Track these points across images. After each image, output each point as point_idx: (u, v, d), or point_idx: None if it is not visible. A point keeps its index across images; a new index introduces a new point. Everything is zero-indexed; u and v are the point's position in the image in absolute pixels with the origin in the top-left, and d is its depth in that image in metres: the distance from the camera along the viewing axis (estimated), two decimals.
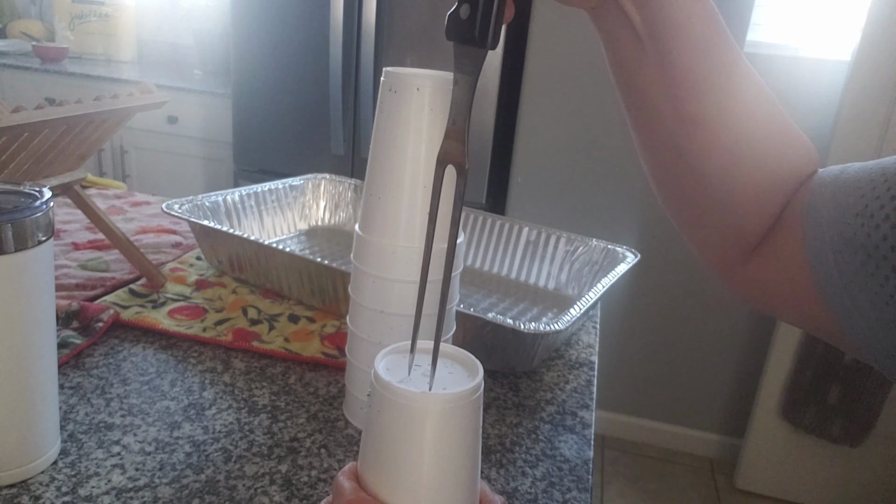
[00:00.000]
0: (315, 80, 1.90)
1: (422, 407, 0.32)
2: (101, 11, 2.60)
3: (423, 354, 0.36)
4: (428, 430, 0.32)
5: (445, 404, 0.32)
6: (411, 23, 1.79)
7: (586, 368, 0.71)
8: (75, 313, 0.66)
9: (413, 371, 0.35)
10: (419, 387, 0.33)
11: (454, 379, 0.35)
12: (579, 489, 0.52)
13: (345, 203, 1.02)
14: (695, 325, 1.93)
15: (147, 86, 0.70)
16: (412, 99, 0.47)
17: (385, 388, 0.33)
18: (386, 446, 0.33)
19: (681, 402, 2.03)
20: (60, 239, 0.87)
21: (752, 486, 1.91)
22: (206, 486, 0.47)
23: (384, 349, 0.36)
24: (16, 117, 0.53)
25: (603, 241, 0.87)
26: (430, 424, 0.32)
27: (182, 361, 0.63)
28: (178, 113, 2.24)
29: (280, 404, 0.58)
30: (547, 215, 1.91)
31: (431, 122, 0.47)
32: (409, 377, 0.34)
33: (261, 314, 0.72)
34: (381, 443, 0.33)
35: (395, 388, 0.32)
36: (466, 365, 0.36)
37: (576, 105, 1.83)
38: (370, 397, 0.34)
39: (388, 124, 0.48)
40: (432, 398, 0.32)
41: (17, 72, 2.36)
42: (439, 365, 0.36)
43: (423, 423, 0.32)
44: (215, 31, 2.53)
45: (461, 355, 0.37)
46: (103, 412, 0.54)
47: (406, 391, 0.32)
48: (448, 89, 0.48)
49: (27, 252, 0.41)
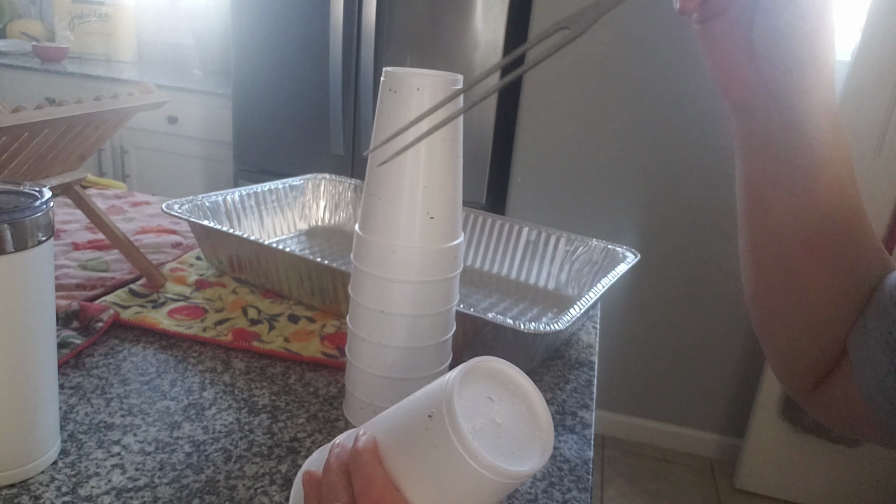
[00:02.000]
0: (315, 80, 1.90)
1: (487, 477, 0.31)
2: (101, 11, 2.60)
3: (496, 384, 0.35)
4: (486, 492, 0.32)
5: (508, 480, 0.32)
6: (411, 23, 1.79)
7: (586, 368, 0.71)
8: (75, 313, 0.66)
9: (486, 406, 0.34)
10: (489, 444, 0.32)
11: (519, 435, 0.34)
12: (579, 489, 0.52)
13: (345, 203, 1.02)
14: (695, 325, 1.93)
15: (147, 86, 0.70)
16: (412, 99, 0.47)
17: (460, 438, 0.31)
18: (433, 475, 0.32)
19: (681, 402, 2.03)
20: (60, 239, 0.86)
21: (752, 486, 1.91)
22: (206, 486, 0.47)
23: (461, 369, 0.34)
24: (16, 117, 0.53)
25: (603, 241, 0.87)
26: (490, 490, 0.32)
27: (182, 361, 0.63)
28: (178, 113, 2.24)
29: (280, 404, 0.58)
30: (547, 215, 1.91)
31: (431, 122, 0.47)
32: (480, 425, 0.33)
33: (261, 314, 0.72)
34: (430, 469, 0.33)
35: (470, 446, 0.31)
36: (535, 415, 0.35)
37: (576, 105, 1.83)
38: (432, 419, 0.32)
39: (388, 124, 0.48)
40: (500, 474, 0.31)
41: (17, 72, 2.36)
42: (506, 395, 0.35)
43: (482, 486, 0.32)
44: (215, 31, 2.53)
45: (533, 398, 0.35)
46: (103, 412, 0.54)
47: (478, 454, 0.31)
48: (448, 89, 0.48)
49: (27, 252, 0.41)
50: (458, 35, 1.77)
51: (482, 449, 0.31)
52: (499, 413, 0.34)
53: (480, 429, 0.33)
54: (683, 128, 1.78)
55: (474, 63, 1.78)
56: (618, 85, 1.79)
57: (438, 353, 0.54)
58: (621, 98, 1.80)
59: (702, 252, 1.86)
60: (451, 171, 0.49)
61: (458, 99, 0.46)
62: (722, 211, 1.81)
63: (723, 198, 1.80)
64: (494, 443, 0.33)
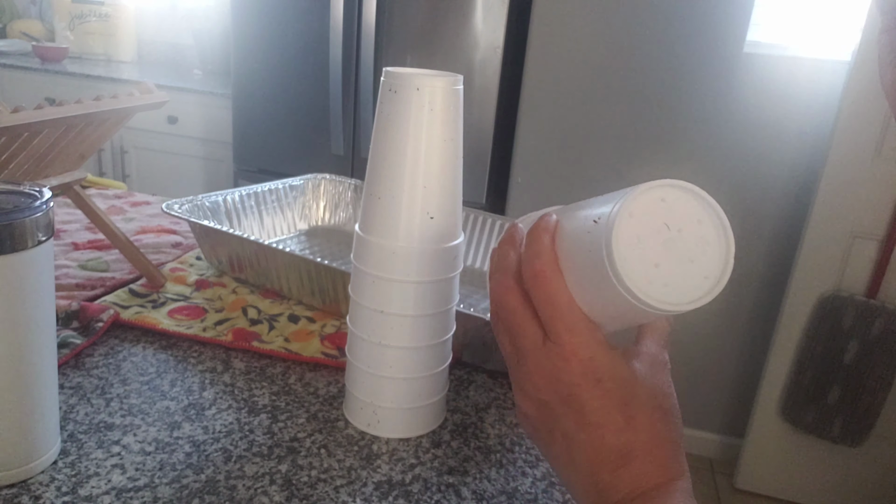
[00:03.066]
0: (315, 80, 1.90)
1: (630, 302, 0.32)
2: (101, 11, 2.60)
3: (681, 192, 0.33)
4: (633, 312, 0.33)
5: (653, 310, 0.32)
6: (411, 23, 1.79)
7: None
8: (75, 313, 0.66)
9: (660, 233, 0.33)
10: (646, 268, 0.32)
11: (689, 265, 0.33)
12: None
13: (345, 203, 1.02)
14: (695, 325, 1.93)
15: (147, 86, 0.70)
16: (412, 99, 0.47)
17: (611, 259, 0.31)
18: (586, 277, 0.34)
19: (681, 402, 2.02)
20: (60, 239, 0.86)
21: (752, 486, 1.91)
22: (206, 486, 0.47)
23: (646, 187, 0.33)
24: (16, 117, 0.53)
25: None
26: (637, 312, 0.33)
27: (182, 361, 0.63)
28: (178, 113, 2.24)
29: (280, 404, 0.58)
30: None
31: (431, 122, 0.47)
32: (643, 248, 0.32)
33: (261, 314, 0.72)
34: (583, 270, 0.34)
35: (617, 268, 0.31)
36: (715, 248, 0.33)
37: (576, 105, 1.83)
38: (596, 225, 0.33)
39: (388, 124, 0.48)
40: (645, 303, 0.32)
41: (17, 72, 2.36)
42: (688, 225, 0.33)
43: (626, 306, 0.33)
44: (215, 31, 2.53)
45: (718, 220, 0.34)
46: (103, 412, 0.54)
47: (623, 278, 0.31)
48: (448, 89, 0.48)
49: (27, 252, 0.41)
50: (458, 35, 1.77)
51: (632, 272, 0.32)
52: (673, 240, 0.33)
53: (642, 252, 0.32)
54: (684, 128, 1.78)
55: (474, 63, 1.78)
56: (618, 85, 1.79)
57: (438, 353, 0.54)
58: (621, 98, 1.80)
59: None
60: (451, 171, 0.49)
61: (459, 99, 0.46)
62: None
63: (723, 198, 1.80)
64: (654, 268, 0.32)
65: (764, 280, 1.86)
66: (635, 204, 0.33)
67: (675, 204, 0.34)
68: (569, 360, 0.35)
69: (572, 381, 0.35)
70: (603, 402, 0.35)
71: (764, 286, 1.87)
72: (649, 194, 0.33)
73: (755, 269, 1.86)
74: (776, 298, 1.85)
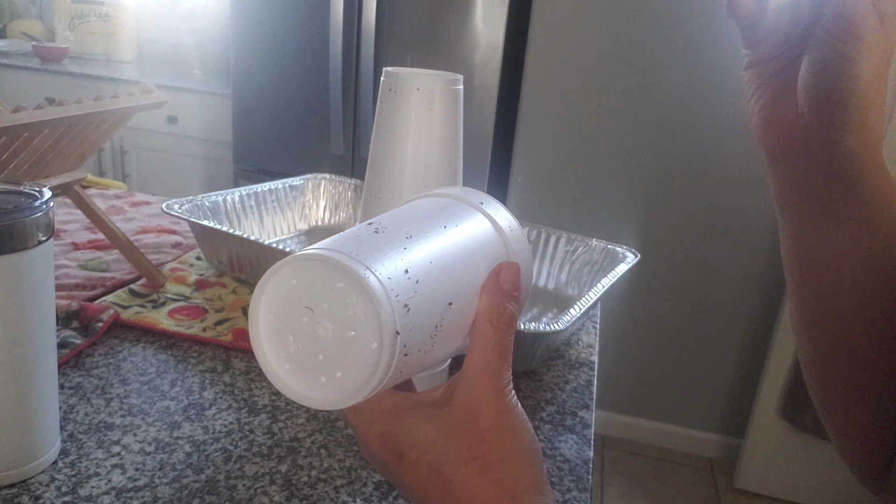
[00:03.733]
0: (315, 80, 1.90)
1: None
2: (101, 11, 2.60)
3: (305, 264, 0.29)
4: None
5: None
6: (411, 23, 1.79)
7: (586, 368, 0.71)
8: (75, 313, 0.66)
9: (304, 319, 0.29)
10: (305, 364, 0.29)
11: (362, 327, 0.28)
12: (579, 489, 0.52)
13: (345, 203, 1.02)
14: (695, 325, 1.93)
15: (147, 86, 0.70)
16: (412, 99, 0.47)
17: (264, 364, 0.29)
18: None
19: (681, 402, 2.03)
20: (60, 239, 0.87)
21: (752, 486, 1.91)
22: (206, 486, 0.47)
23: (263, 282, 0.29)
24: (16, 117, 0.53)
25: (603, 241, 0.87)
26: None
27: (182, 361, 0.63)
28: (178, 113, 2.24)
29: (280, 404, 0.58)
30: (547, 215, 1.91)
31: (431, 122, 0.47)
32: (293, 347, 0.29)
33: None
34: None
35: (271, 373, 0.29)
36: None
37: (576, 105, 1.83)
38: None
39: (388, 124, 0.48)
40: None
41: (17, 72, 2.36)
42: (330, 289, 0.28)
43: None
44: (215, 31, 2.53)
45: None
46: (103, 412, 0.54)
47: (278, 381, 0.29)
48: (448, 89, 0.48)
49: (27, 252, 0.41)
50: (458, 35, 1.77)
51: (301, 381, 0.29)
52: (321, 321, 0.29)
53: (299, 351, 0.29)
54: (684, 128, 1.78)
55: (474, 63, 1.78)
56: (618, 85, 1.79)
57: None
58: (622, 98, 1.80)
59: (702, 252, 1.86)
60: (451, 171, 0.49)
61: (459, 99, 0.46)
62: (722, 211, 1.81)
63: (723, 198, 1.80)
64: (320, 362, 0.29)
65: (764, 280, 1.86)
66: (267, 302, 0.29)
67: (307, 280, 0.29)
68: (368, 443, 0.33)
69: (382, 461, 0.32)
70: (414, 477, 0.31)
71: (764, 286, 1.87)
72: (274, 282, 0.29)
73: (755, 269, 1.86)
74: (776, 298, 1.85)
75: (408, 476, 0.31)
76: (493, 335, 0.32)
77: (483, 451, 0.30)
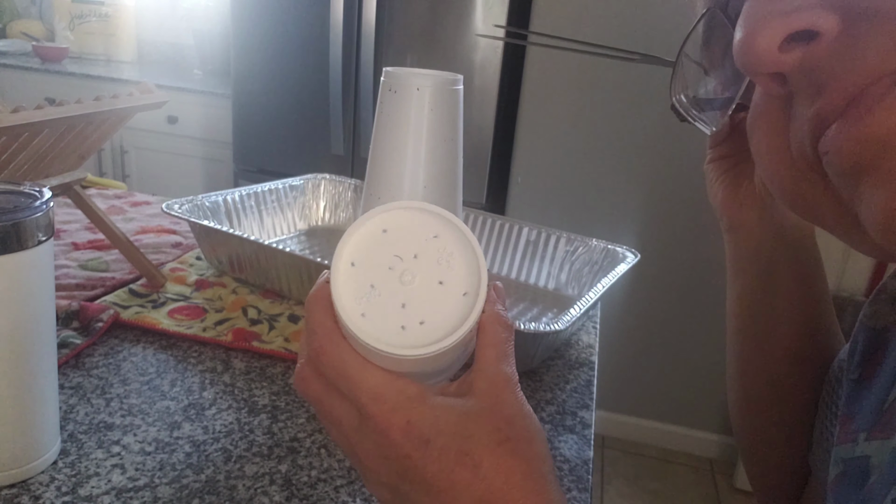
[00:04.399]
0: (315, 80, 1.90)
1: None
2: (101, 11, 2.60)
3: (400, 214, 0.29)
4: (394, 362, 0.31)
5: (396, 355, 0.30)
6: (411, 23, 1.79)
7: (586, 368, 0.71)
8: (75, 313, 0.66)
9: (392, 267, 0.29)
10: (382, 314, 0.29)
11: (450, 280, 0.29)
12: (579, 489, 0.52)
13: (345, 203, 1.02)
14: (695, 325, 1.93)
15: (147, 86, 0.70)
16: (412, 99, 0.47)
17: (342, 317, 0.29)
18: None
19: (681, 402, 2.03)
20: (60, 239, 0.86)
21: None
22: (206, 486, 0.47)
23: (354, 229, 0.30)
24: (16, 117, 0.53)
25: (603, 241, 0.87)
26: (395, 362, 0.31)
27: (182, 361, 0.63)
28: (178, 113, 2.24)
29: (280, 404, 0.58)
30: (547, 215, 1.91)
31: (431, 122, 0.47)
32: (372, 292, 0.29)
33: (261, 314, 0.72)
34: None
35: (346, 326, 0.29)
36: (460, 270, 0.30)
37: (576, 105, 1.83)
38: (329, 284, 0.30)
39: (388, 124, 0.48)
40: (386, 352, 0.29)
41: (17, 72, 2.36)
42: (424, 239, 0.29)
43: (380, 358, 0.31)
44: (215, 31, 2.53)
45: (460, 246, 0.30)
46: (103, 412, 0.54)
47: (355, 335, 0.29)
48: (448, 89, 0.48)
49: (27, 252, 0.41)
50: (458, 35, 1.77)
51: (373, 329, 0.28)
52: (410, 270, 0.29)
53: (379, 299, 0.29)
54: (684, 127, 1.78)
55: (474, 63, 1.78)
56: (618, 85, 1.79)
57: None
58: (621, 98, 1.80)
59: (702, 252, 1.86)
60: (451, 171, 0.49)
61: (459, 99, 0.46)
62: None
63: None
64: (401, 310, 0.29)
65: None
66: (352, 249, 0.29)
67: (399, 230, 0.29)
68: (386, 433, 0.31)
69: (400, 454, 0.31)
70: (440, 464, 0.31)
71: None
72: (364, 229, 0.30)
73: None
74: None
75: (433, 464, 0.31)
76: (503, 333, 0.34)
77: (513, 434, 0.32)
